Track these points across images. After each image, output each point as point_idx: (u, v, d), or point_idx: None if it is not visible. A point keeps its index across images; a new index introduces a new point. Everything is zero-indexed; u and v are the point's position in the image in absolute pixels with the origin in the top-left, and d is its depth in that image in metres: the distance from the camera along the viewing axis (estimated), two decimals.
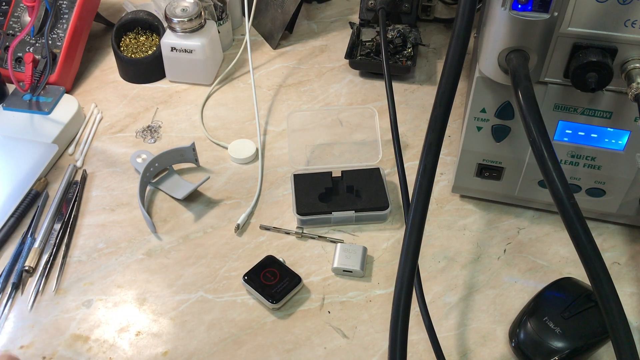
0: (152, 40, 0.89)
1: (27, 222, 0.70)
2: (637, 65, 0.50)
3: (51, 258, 0.66)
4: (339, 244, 0.65)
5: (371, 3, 0.89)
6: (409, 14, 0.90)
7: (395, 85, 0.85)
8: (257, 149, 0.77)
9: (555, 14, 0.49)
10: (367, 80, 0.87)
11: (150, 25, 0.89)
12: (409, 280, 0.46)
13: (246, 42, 0.85)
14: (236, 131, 0.80)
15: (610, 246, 0.66)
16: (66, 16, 0.85)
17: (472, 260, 0.65)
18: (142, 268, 0.65)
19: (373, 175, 0.71)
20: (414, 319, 0.58)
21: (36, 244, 0.66)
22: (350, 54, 0.87)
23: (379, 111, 0.77)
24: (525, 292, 0.62)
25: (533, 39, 0.50)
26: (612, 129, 0.57)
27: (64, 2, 0.86)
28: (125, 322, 0.61)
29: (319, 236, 0.67)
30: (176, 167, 0.75)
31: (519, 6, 0.49)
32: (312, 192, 0.69)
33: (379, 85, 0.86)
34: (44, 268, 0.65)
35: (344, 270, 0.63)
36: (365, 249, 0.64)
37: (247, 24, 0.86)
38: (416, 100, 0.84)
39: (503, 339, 0.58)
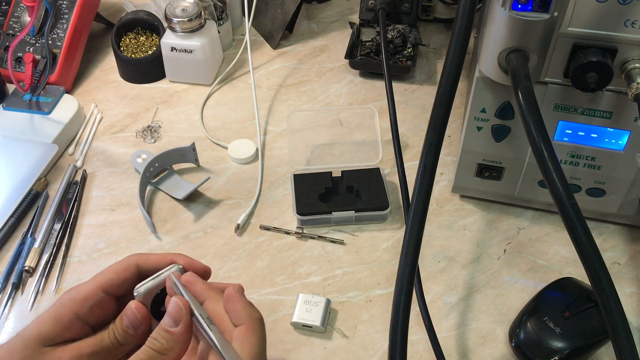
0: (152, 40, 0.89)
1: (27, 222, 0.70)
2: (637, 65, 0.50)
3: (51, 258, 0.66)
4: (300, 295, 0.60)
5: (371, 3, 0.89)
6: (409, 14, 0.90)
7: (395, 85, 0.85)
8: (257, 149, 0.77)
9: (555, 14, 0.49)
10: (367, 80, 0.87)
11: (150, 25, 0.89)
12: (409, 280, 0.46)
13: (246, 42, 0.85)
14: (236, 131, 0.80)
15: (610, 246, 0.66)
16: (66, 16, 0.85)
17: (472, 260, 0.65)
18: None
19: (373, 175, 0.70)
20: (414, 319, 0.58)
21: (36, 244, 0.66)
22: (350, 54, 0.87)
23: (379, 111, 0.77)
24: (525, 292, 0.62)
25: (533, 39, 0.50)
26: (612, 129, 0.57)
27: (64, 2, 0.86)
28: None
29: (319, 236, 0.67)
30: (176, 167, 0.75)
31: (519, 6, 0.49)
32: (312, 192, 0.69)
33: (379, 85, 0.86)
34: (44, 268, 0.65)
35: (303, 325, 0.59)
36: (328, 302, 0.60)
37: (247, 24, 0.86)
38: (416, 100, 0.84)
39: (503, 339, 0.58)
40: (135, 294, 0.46)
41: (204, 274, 0.49)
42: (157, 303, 0.47)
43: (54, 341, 0.45)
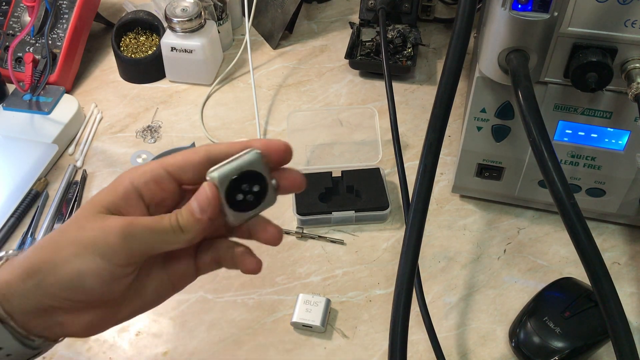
0: (152, 40, 0.89)
1: (27, 222, 0.70)
2: (637, 65, 0.50)
3: None
4: (300, 294, 0.60)
5: (371, 3, 0.89)
6: (409, 14, 0.90)
7: (395, 85, 0.85)
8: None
9: (555, 14, 0.49)
10: (367, 80, 0.87)
11: (150, 25, 0.89)
12: (409, 280, 0.46)
13: (246, 42, 0.85)
14: (236, 131, 0.80)
15: (610, 246, 0.66)
16: (66, 16, 0.85)
17: (472, 260, 0.65)
18: None
19: (373, 175, 0.70)
20: (414, 319, 0.58)
21: None
22: (350, 54, 0.87)
23: (379, 111, 0.77)
24: (525, 292, 0.62)
25: (533, 39, 0.50)
26: (612, 129, 0.57)
27: (64, 2, 0.86)
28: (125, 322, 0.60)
29: (319, 236, 0.67)
30: None
31: (519, 6, 0.49)
32: (312, 192, 0.69)
33: (379, 85, 0.86)
34: None
35: (303, 325, 0.59)
36: (328, 302, 0.60)
37: (247, 24, 0.86)
38: (416, 100, 0.84)
39: (503, 339, 0.58)
40: (207, 178, 0.39)
41: (286, 151, 0.46)
42: (232, 191, 0.40)
43: (107, 209, 0.42)
